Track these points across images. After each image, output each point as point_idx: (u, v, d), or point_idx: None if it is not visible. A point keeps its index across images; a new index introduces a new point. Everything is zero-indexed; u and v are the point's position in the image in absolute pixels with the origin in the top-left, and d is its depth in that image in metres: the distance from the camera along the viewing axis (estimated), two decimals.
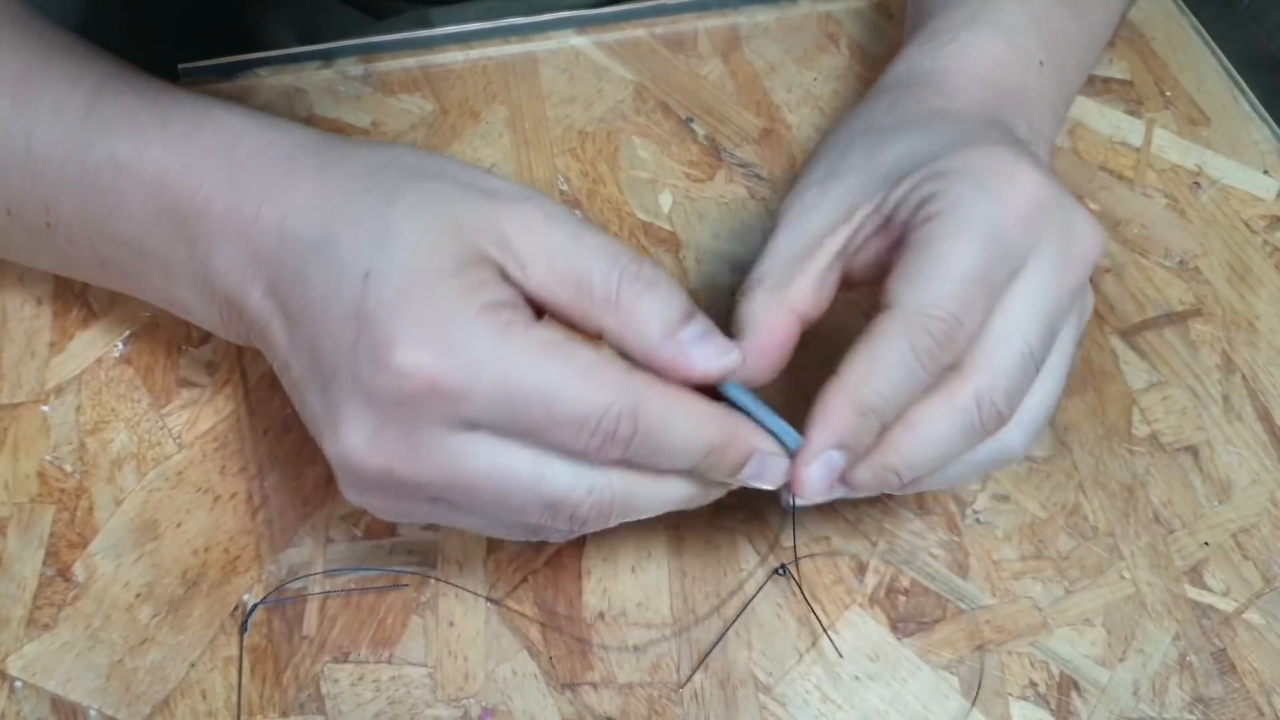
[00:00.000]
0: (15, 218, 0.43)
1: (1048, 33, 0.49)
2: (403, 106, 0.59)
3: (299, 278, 0.36)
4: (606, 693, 0.43)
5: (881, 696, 0.44)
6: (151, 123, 0.40)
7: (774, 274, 0.41)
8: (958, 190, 0.38)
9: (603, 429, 0.34)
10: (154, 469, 0.47)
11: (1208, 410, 0.52)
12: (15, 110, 0.41)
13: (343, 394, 0.35)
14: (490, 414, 0.34)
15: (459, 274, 0.34)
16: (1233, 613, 0.47)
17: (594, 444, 0.35)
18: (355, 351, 0.34)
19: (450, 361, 0.33)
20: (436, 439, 0.34)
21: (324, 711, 0.42)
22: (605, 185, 0.57)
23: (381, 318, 0.34)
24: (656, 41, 0.63)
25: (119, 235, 0.41)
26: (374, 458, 0.35)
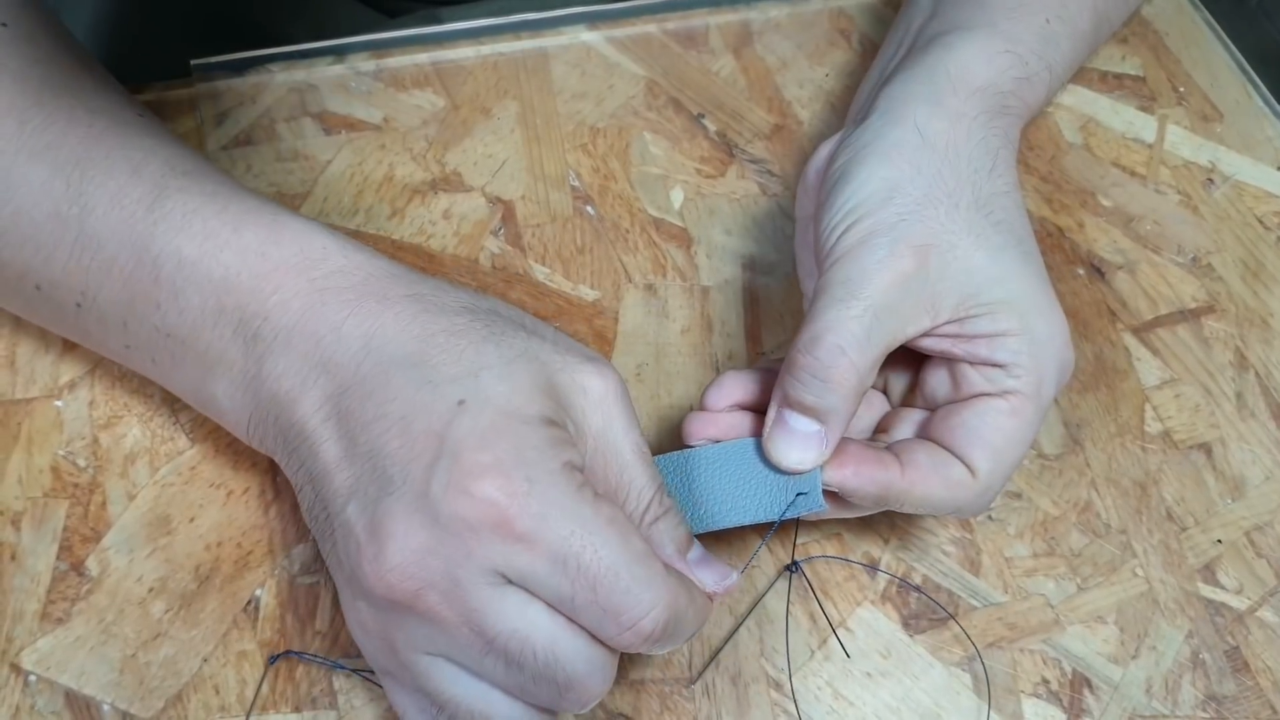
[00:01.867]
0: (44, 295, 0.42)
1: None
2: (414, 102, 0.59)
3: (377, 389, 0.37)
4: (618, 689, 0.43)
5: (893, 693, 0.44)
6: (222, 226, 0.40)
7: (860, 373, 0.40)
8: (1040, 373, 0.41)
9: (636, 627, 0.35)
10: (167, 464, 0.47)
11: (1220, 407, 0.52)
12: (70, 196, 0.40)
13: (401, 507, 0.35)
14: (540, 571, 0.35)
15: (548, 427, 0.36)
16: (1246, 610, 0.47)
17: (624, 637, 0.35)
18: (432, 469, 0.35)
19: (527, 505, 0.34)
20: (479, 580, 0.34)
21: (336, 707, 0.42)
22: (616, 181, 0.57)
23: (470, 445, 0.35)
24: (668, 37, 0.63)
25: (161, 324, 0.41)
26: (411, 578, 0.35)
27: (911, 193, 0.41)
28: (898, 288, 0.40)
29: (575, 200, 0.56)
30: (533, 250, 0.54)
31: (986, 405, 0.41)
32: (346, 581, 0.37)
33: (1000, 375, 0.41)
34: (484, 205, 0.55)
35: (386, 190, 0.55)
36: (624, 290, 0.53)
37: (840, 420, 0.40)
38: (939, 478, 0.40)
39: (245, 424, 0.40)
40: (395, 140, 0.57)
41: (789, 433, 0.40)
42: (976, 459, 0.40)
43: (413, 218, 0.55)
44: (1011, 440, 0.41)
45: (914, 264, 0.40)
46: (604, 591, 0.35)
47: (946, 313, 0.41)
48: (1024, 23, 0.47)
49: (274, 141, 0.56)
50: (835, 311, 0.40)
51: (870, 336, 0.39)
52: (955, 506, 0.41)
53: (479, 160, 0.57)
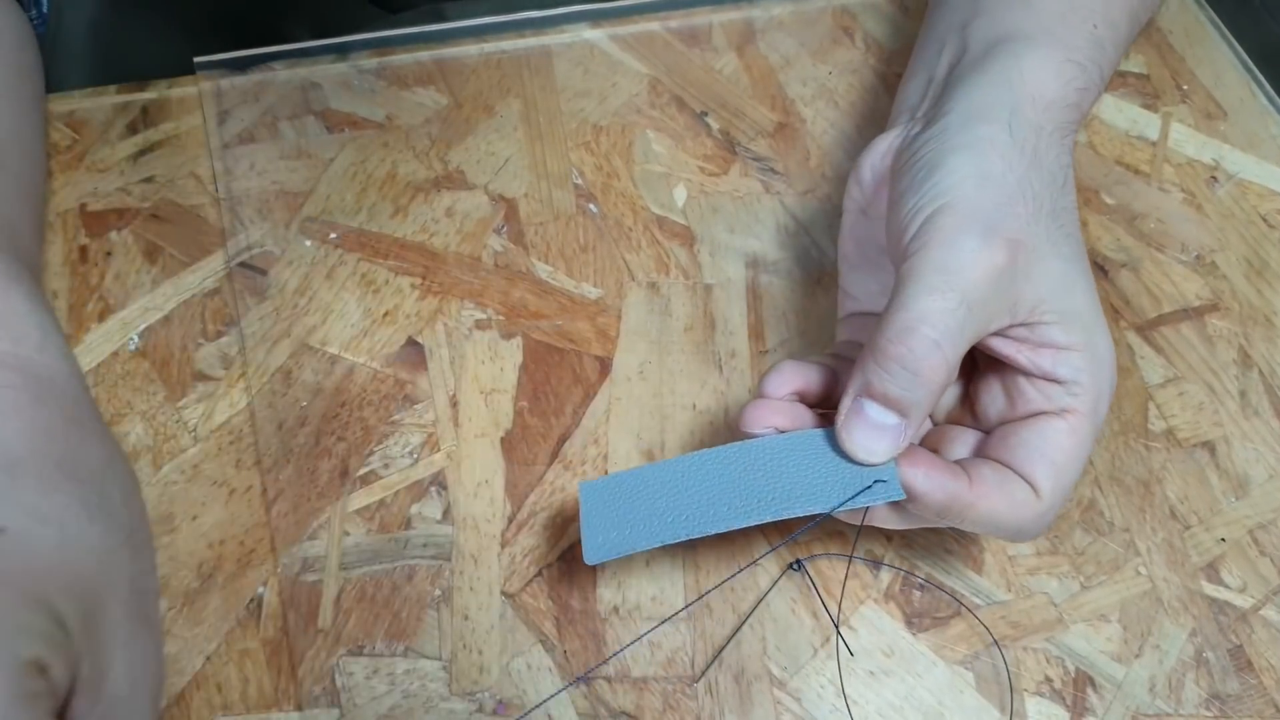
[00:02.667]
0: None
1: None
2: (417, 100, 0.59)
3: None
4: (621, 687, 0.43)
5: (896, 692, 0.44)
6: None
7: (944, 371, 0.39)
8: (1095, 392, 0.41)
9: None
10: (169, 462, 0.47)
11: (1224, 406, 0.52)
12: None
13: None
14: None
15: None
16: (1249, 609, 0.47)
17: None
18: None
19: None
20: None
21: (339, 704, 0.42)
22: (619, 179, 0.57)
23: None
24: (671, 35, 0.62)
25: None
26: None
27: (1004, 187, 0.41)
28: (990, 282, 0.39)
29: (578, 198, 0.56)
30: (535, 248, 0.54)
31: (1047, 424, 0.40)
32: None
33: (1059, 393, 0.40)
34: (487, 203, 0.55)
35: (389, 188, 0.55)
36: (627, 288, 0.53)
37: (921, 415, 0.39)
38: (1004, 495, 0.40)
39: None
40: (398, 138, 0.57)
41: (867, 423, 0.39)
42: (1040, 478, 0.40)
43: (415, 216, 0.55)
44: (1071, 460, 0.40)
45: (1006, 258, 0.39)
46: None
47: (1023, 314, 0.40)
48: (1077, 29, 0.47)
49: (277, 139, 0.56)
50: (929, 301, 0.38)
51: (963, 330, 0.38)
52: (1017, 527, 0.40)
53: (482, 158, 0.57)
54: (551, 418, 0.49)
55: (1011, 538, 0.42)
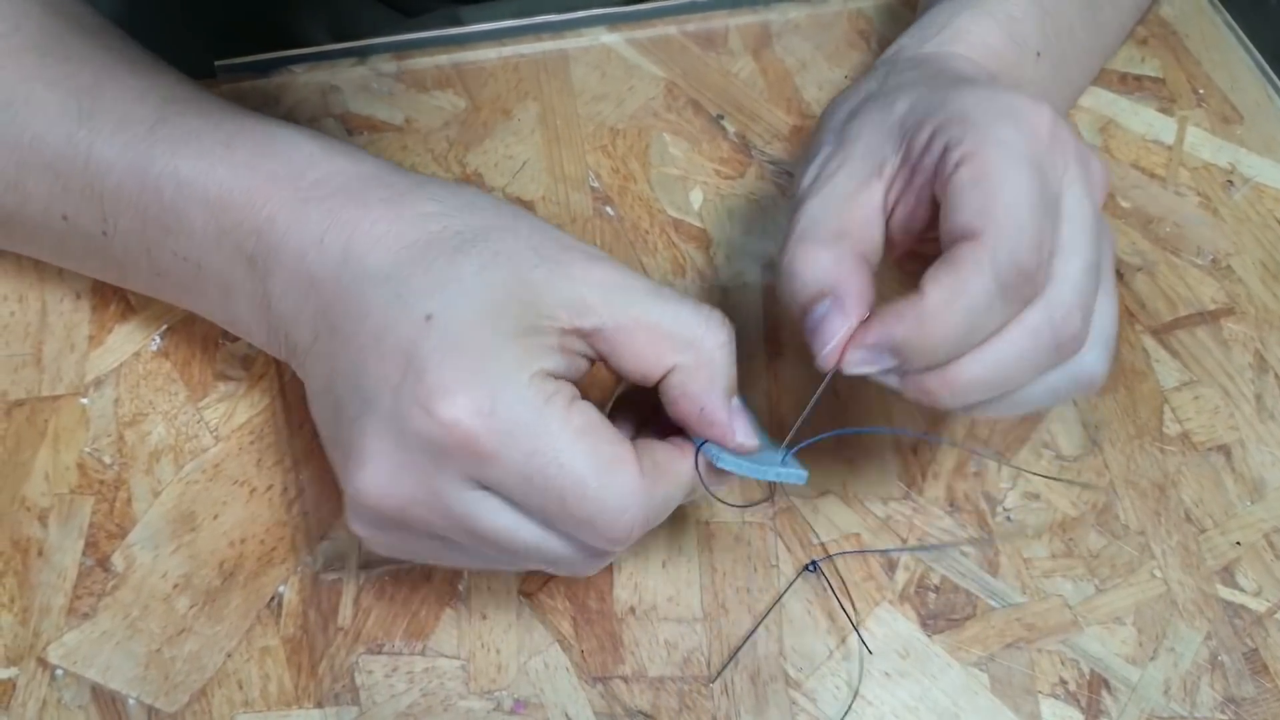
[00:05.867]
0: (72, 224, 0.43)
1: (1051, 26, 0.49)
2: (435, 103, 0.59)
3: (356, 303, 0.37)
4: (637, 686, 0.43)
5: (911, 693, 0.44)
6: (216, 144, 0.40)
7: (825, 225, 0.39)
8: (988, 129, 0.37)
9: (611, 534, 0.36)
10: (191, 461, 0.47)
11: (1240, 409, 0.52)
12: (81, 119, 0.42)
13: (375, 426, 0.35)
14: (511, 485, 0.35)
15: (517, 338, 0.35)
16: (1265, 613, 0.47)
17: (600, 543, 0.36)
18: (399, 388, 0.35)
19: (489, 424, 0.34)
20: (455, 490, 0.35)
21: (358, 702, 0.43)
22: (636, 182, 0.57)
23: (434, 363, 0.34)
24: (687, 39, 0.63)
25: (177, 250, 0.41)
26: (390, 496, 0.36)
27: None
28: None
29: (595, 201, 0.56)
30: None
31: (952, 187, 0.37)
32: (346, 495, 0.37)
33: (948, 161, 0.37)
34: None
35: None
36: None
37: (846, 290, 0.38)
38: (949, 272, 0.36)
39: (268, 341, 0.41)
40: (417, 141, 0.58)
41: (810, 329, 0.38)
42: (967, 221, 0.36)
43: None
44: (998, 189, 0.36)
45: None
46: (573, 503, 0.35)
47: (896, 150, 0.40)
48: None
49: None
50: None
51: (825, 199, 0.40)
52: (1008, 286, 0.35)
53: (499, 161, 0.57)
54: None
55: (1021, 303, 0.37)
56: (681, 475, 0.38)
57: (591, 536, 0.36)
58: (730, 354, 0.38)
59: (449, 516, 0.36)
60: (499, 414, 0.34)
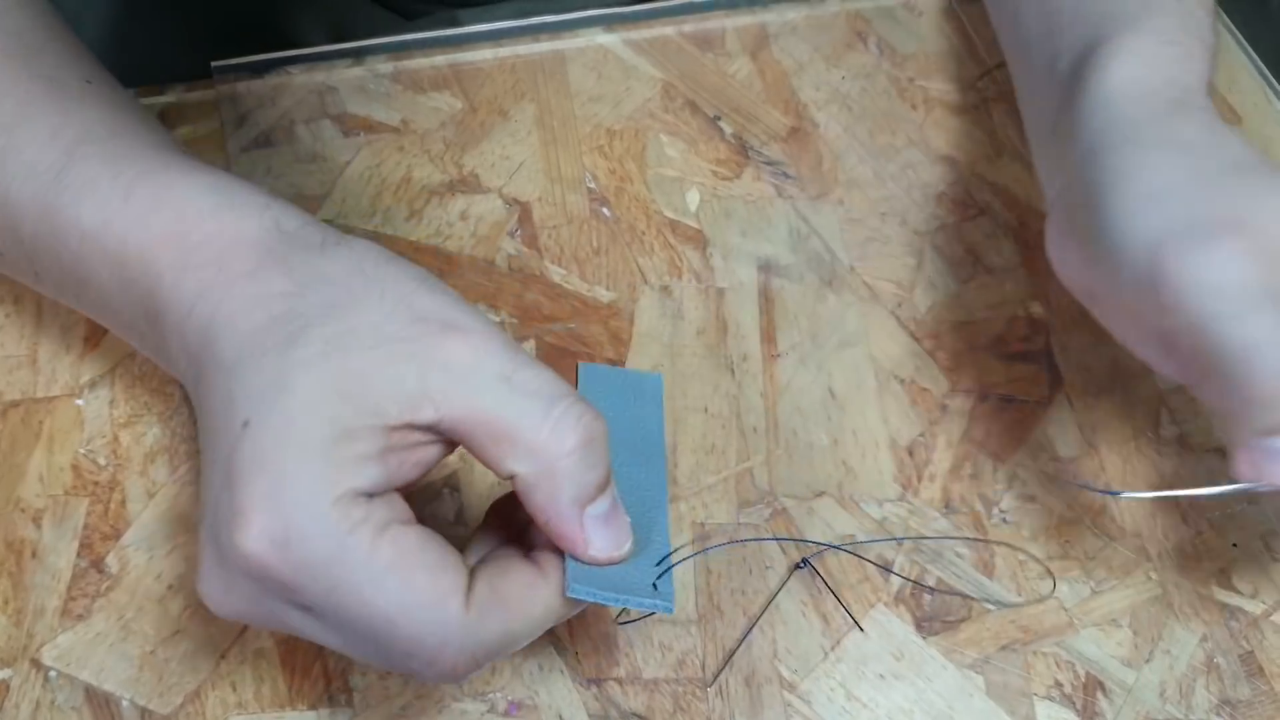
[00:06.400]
0: (7, 261, 0.43)
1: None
2: (432, 104, 0.59)
3: (208, 394, 0.35)
4: (632, 688, 0.43)
5: (906, 695, 0.44)
6: (114, 195, 0.38)
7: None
8: None
9: (435, 670, 0.34)
10: (186, 463, 0.47)
11: None
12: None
13: (205, 541, 0.34)
14: (324, 615, 0.34)
15: (331, 448, 0.33)
16: (1261, 615, 0.47)
17: (429, 675, 0.34)
18: (219, 503, 0.34)
19: (285, 556, 0.32)
20: (283, 610, 0.34)
21: (352, 704, 0.43)
22: (632, 183, 0.57)
23: (241, 481, 0.33)
24: (684, 40, 0.63)
25: (93, 300, 0.40)
26: (228, 607, 0.35)
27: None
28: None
29: (591, 202, 0.56)
30: (549, 251, 0.54)
31: None
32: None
33: None
34: (501, 206, 0.56)
35: (404, 192, 0.56)
36: (639, 292, 0.53)
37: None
38: None
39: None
40: (413, 142, 0.58)
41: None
42: None
43: (430, 219, 0.55)
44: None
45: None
46: (384, 640, 0.33)
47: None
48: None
49: (293, 143, 0.57)
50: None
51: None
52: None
53: (496, 162, 0.57)
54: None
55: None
56: (530, 609, 0.35)
57: (418, 668, 0.34)
58: (582, 461, 0.34)
59: (287, 629, 0.35)
60: (293, 546, 0.32)
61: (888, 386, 0.51)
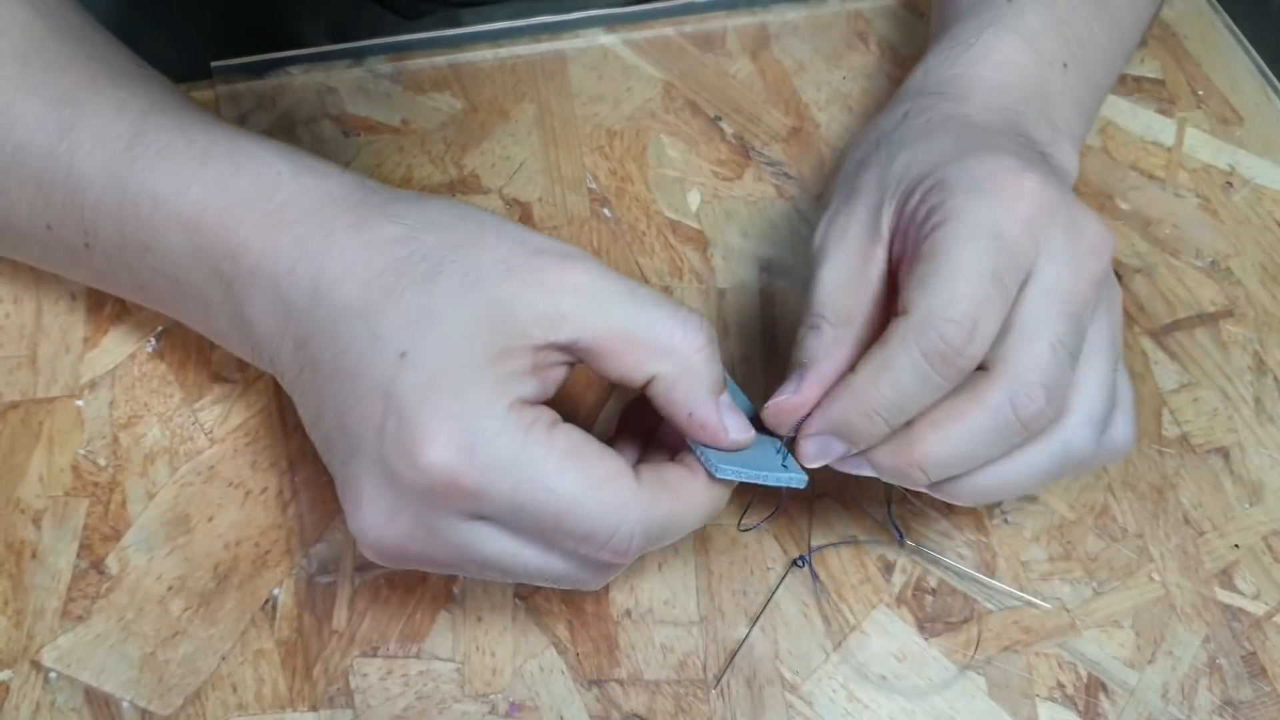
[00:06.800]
0: (55, 234, 0.43)
1: (1072, 35, 0.48)
2: (433, 105, 0.59)
3: (332, 340, 0.37)
4: (633, 689, 0.43)
5: (908, 696, 0.44)
6: (190, 161, 0.40)
7: (831, 308, 0.41)
8: (960, 199, 0.38)
9: (611, 546, 0.36)
10: (186, 463, 0.47)
11: (1239, 412, 0.52)
12: (61, 131, 0.41)
13: (365, 471, 0.36)
14: (504, 514, 0.36)
15: (492, 365, 0.35)
16: (1263, 616, 0.47)
17: (603, 556, 0.37)
18: (381, 433, 0.35)
19: (471, 462, 0.34)
20: (452, 526, 0.36)
21: (353, 705, 0.42)
22: (633, 184, 0.57)
23: (411, 405, 0.35)
24: (685, 40, 0.63)
25: (156, 266, 0.41)
26: (390, 535, 0.36)
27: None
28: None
29: (592, 202, 0.56)
30: None
31: (913, 258, 0.39)
32: (351, 532, 0.38)
33: (925, 229, 0.39)
34: (501, 207, 0.56)
35: None
36: None
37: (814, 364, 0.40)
38: (878, 348, 0.38)
39: (254, 360, 0.41)
40: (413, 142, 0.57)
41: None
42: (904, 297, 0.38)
43: None
44: (940, 265, 0.37)
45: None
46: (568, 522, 0.36)
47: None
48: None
49: (294, 143, 0.57)
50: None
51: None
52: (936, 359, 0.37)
53: (496, 162, 0.57)
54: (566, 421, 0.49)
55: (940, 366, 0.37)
56: (691, 495, 0.38)
57: (592, 550, 0.37)
58: (711, 355, 0.38)
59: (449, 549, 0.37)
60: (480, 451, 0.34)
61: None
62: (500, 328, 0.36)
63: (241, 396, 0.49)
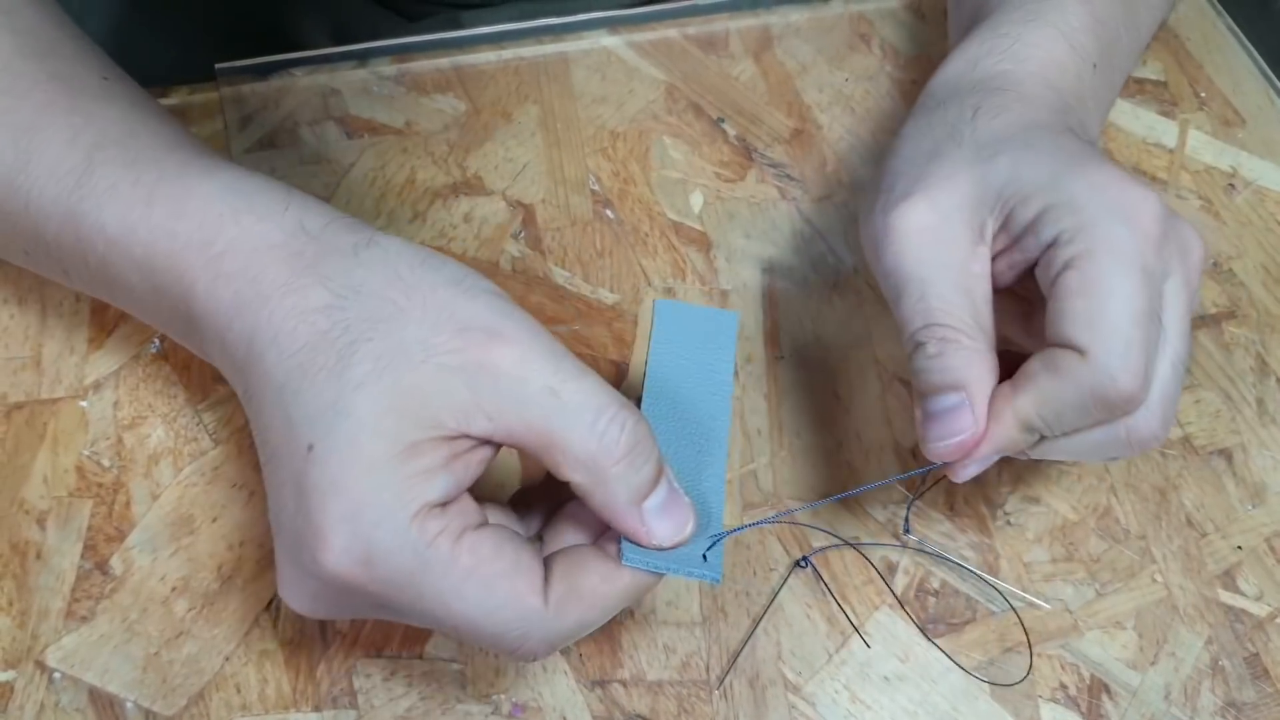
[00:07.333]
0: (33, 259, 0.43)
1: (1104, 35, 0.48)
2: (436, 106, 0.59)
3: (262, 410, 0.36)
4: (636, 690, 0.43)
5: (911, 697, 0.44)
6: (137, 202, 0.39)
7: (960, 317, 0.40)
8: (1102, 229, 0.38)
9: (517, 657, 0.36)
10: (190, 464, 0.47)
11: (1241, 413, 0.52)
12: (19, 164, 0.40)
13: (284, 554, 0.36)
14: (412, 616, 0.36)
15: (399, 465, 0.34)
16: (1266, 617, 0.47)
17: (512, 659, 0.37)
18: (294, 525, 0.35)
19: (371, 574, 0.34)
20: (371, 609, 0.36)
21: (356, 706, 0.42)
22: (636, 185, 0.57)
23: (314, 506, 0.34)
24: (688, 42, 0.63)
25: (126, 299, 0.41)
26: (317, 610, 0.37)
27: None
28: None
29: (595, 204, 0.56)
30: (553, 253, 0.54)
31: (1059, 288, 0.39)
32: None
33: (1057, 255, 0.39)
34: (505, 209, 0.56)
35: (408, 194, 0.56)
36: (643, 294, 0.53)
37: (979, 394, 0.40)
38: (1049, 375, 0.38)
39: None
40: (417, 144, 0.58)
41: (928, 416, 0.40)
42: (1073, 334, 0.38)
43: (434, 221, 0.55)
44: (1106, 304, 0.37)
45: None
46: (469, 638, 0.36)
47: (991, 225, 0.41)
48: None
49: (297, 145, 0.57)
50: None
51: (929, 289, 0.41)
52: (1102, 403, 0.38)
53: (500, 164, 0.57)
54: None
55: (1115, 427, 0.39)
56: (608, 598, 0.37)
57: (504, 653, 0.37)
58: (631, 465, 0.35)
59: (376, 617, 0.37)
60: (377, 564, 0.34)
61: (891, 389, 0.51)
62: (410, 420, 0.34)
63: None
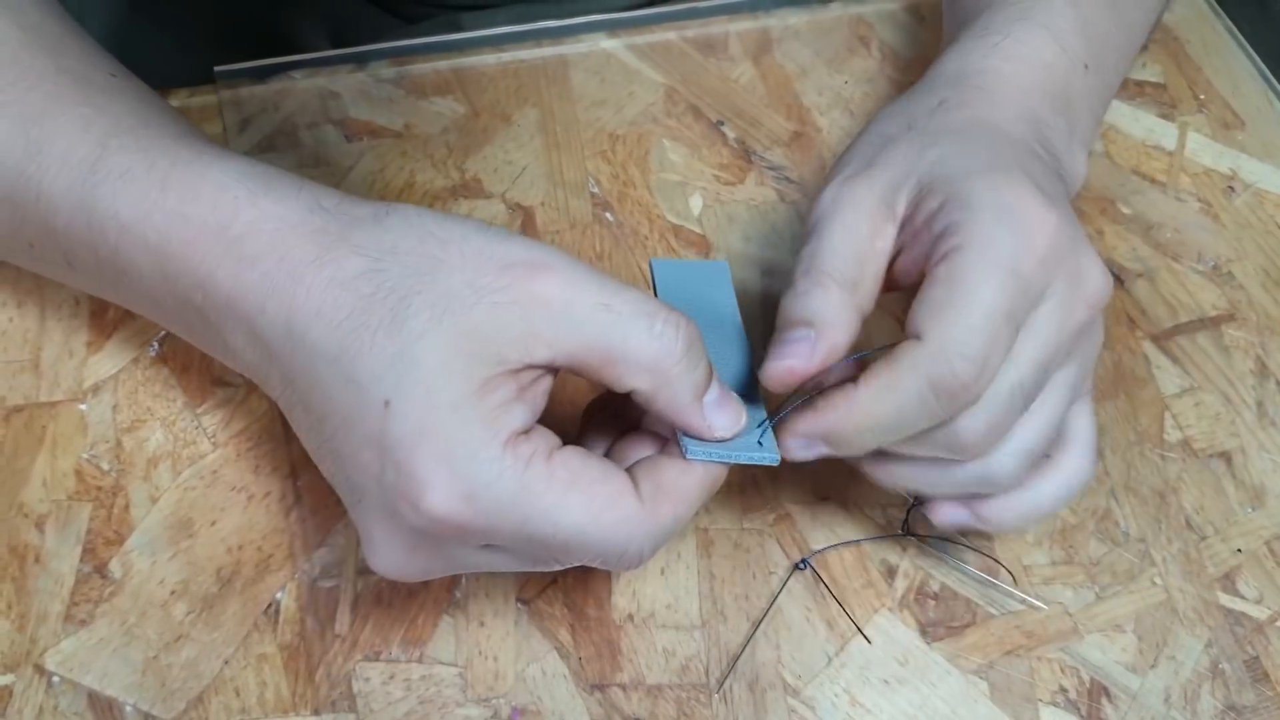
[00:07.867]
0: (38, 252, 0.43)
1: (1094, 35, 0.48)
2: (435, 109, 0.59)
3: (316, 384, 0.36)
4: (635, 694, 0.43)
5: (910, 701, 0.44)
6: (151, 187, 0.39)
7: (841, 270, 0.40)
8: (983, 226, 0.38)
9: (623, 564, 0.37)
10: (189, 467, 0.47)
11: (1241, 416, 0.52)
12: (29, 152, 0.40)
13: (374, 517, 0.36)
14: (516, 545, 0.37)
15: (478, 402, 0.35)
16: (1266, 620, 0.47)
17: (616, 569, 0.39)
18: (382, 482, 0.35)
19: (475, 508, 0.35)
20: (468, 554, 0.37)
21: (355, 710, 0.42)
22: (636, 188, 0.57)
23: (404, 455, 0.34)
24: (687, 44, 0.63)
25: (133, 289, 0.41)
26: (411, 569, 0.38)
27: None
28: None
29: (595, 207, 0.56)
30: None
31: (927, 279, 0.39)
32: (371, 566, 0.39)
33: (938, 248, 0.39)
34: (504, 211, 0.56)
35: (407, 196, 0.56)
36: None
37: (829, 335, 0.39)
38: (886, 364, 0.38)
39: (247, 375, 0.41)
40: (416, 147, 0.58)
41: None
42: (918, 321, 0.38)
43: None
44: (958, 293, 0.37)
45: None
46: (577, 550, 0.36)
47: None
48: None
49: (296, 148, 0.57)
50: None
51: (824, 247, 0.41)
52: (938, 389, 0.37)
53: (499, 167, 0.57)
54: (567, 425, 0.49)
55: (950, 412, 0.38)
56: (689, 492, 0.38)
57: (606, 566, 0.38)
58: (690, 362, 0.37)
59: (470, 567, 0.38)
60: (480, 496, 0.34)
61: None
62: (477, 359, 0.35)
63: (244, 401, 0.49)
